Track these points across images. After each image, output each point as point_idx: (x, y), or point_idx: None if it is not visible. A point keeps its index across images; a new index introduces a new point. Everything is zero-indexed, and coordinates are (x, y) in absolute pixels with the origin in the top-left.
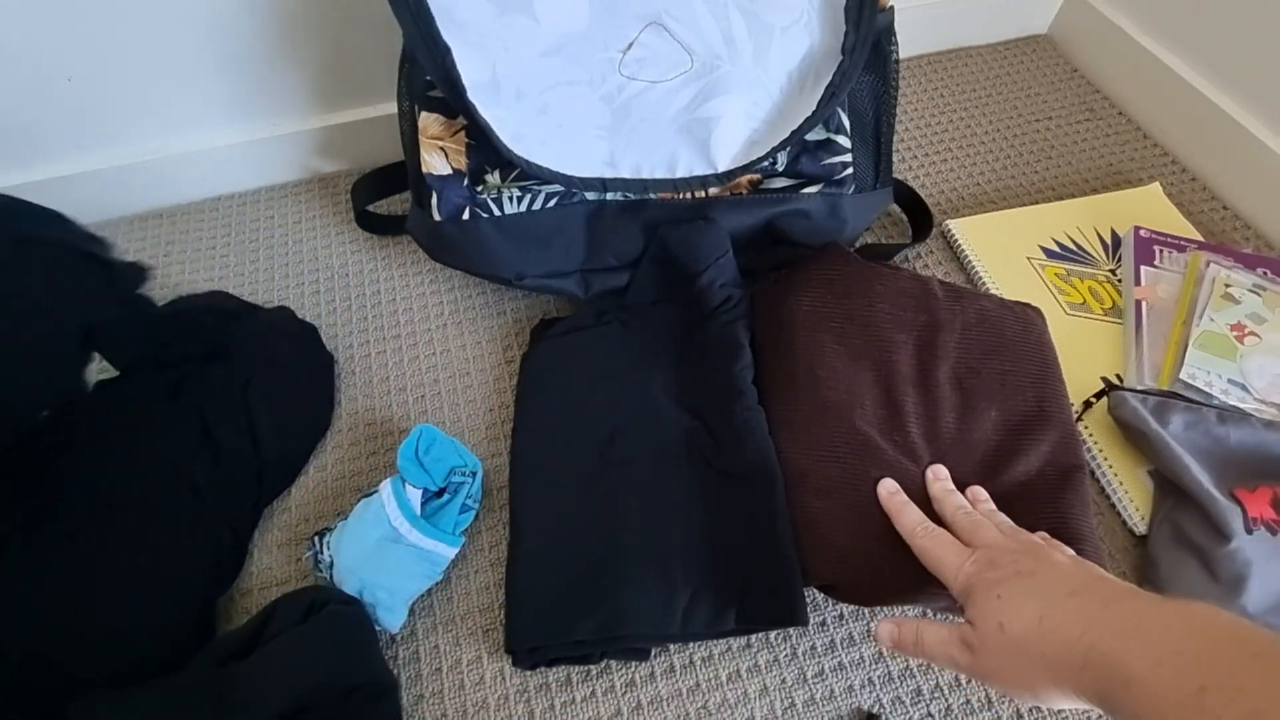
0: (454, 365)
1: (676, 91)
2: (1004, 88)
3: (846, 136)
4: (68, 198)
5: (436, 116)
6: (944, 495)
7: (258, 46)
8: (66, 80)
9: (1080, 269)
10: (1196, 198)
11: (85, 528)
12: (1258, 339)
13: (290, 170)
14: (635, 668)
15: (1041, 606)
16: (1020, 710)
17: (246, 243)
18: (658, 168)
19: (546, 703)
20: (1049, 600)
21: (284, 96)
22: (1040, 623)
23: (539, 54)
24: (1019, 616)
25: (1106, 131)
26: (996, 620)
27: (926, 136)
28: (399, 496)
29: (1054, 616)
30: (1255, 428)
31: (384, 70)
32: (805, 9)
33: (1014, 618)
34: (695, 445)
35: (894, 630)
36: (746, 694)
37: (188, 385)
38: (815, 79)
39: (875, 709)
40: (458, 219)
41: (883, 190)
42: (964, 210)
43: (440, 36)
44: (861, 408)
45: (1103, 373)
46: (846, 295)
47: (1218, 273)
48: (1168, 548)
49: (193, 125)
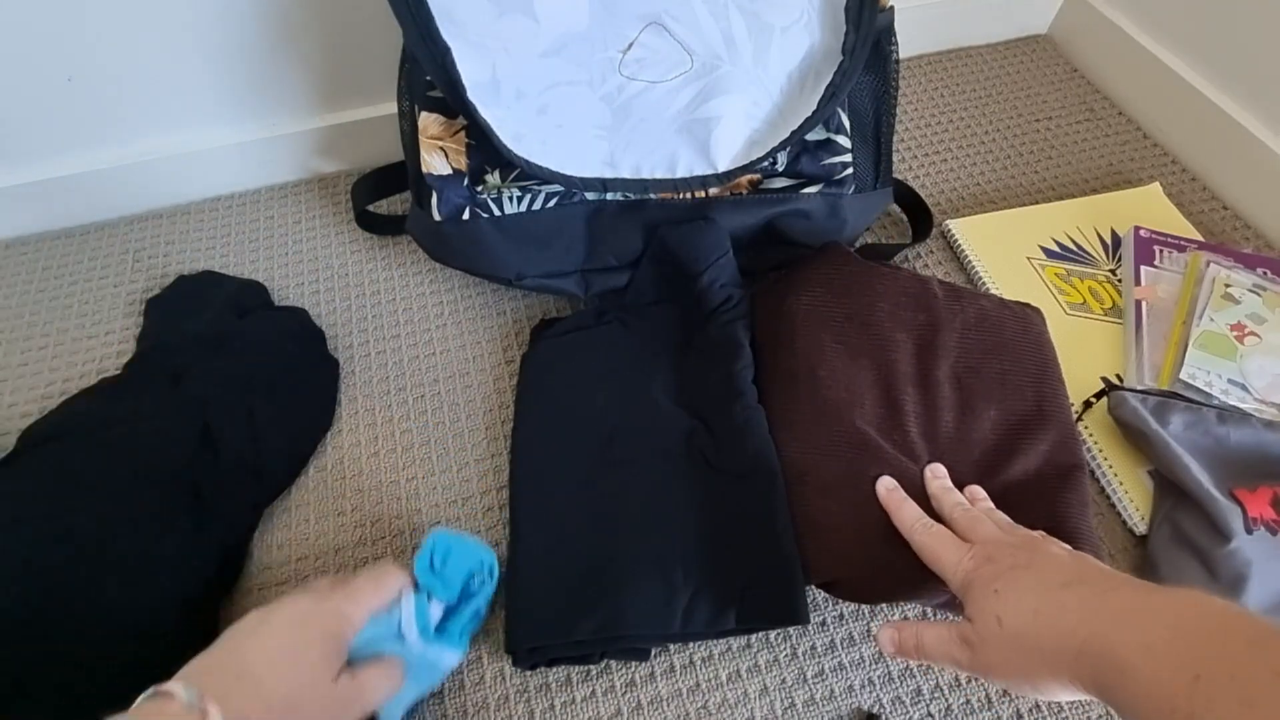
0: (454, 365)
1: (676, 91)
2: (1004, 88)
3: (846, 136)
4: (68, 198)
5: (436, 116)
6: (942, 493)
7: (258, 46)
8: (66, 80)
9: (1080, 269)
10: (1196, 198)
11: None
12: (1258, 339)
13: (290, 170)
14: (635, 668)
15: (1038, 599)
16: (1020, 710)
17: (246, 243)
18: (658, 168)
19: (546, 703)
20: (1045, 593)
21: (284, 96)
22: (1037, 615)
23: (539, 54)
24: (1016, 610)
25: (1106, 131)
26: (994, 615)
27: (926, 136)
28: (420, 613)
29: (1050, 608)
30: (1255, 428)
31: (384, 70)
32: (805, 9)
33: (1011, 612)
34: (695, 445)
35: (894, 635)
36: (746, 694)
37: (192, 374)
38: (815, 79)
39: (875, 709)
40: (458, 219)
41: (883, 190)
42: (964, 210)
43: (440, 36)
44: (861, 407)
45: (1103, 373)
46: (846, 295)
47: (1218, 273)
48: (1168, 548)
49: (193, 125)
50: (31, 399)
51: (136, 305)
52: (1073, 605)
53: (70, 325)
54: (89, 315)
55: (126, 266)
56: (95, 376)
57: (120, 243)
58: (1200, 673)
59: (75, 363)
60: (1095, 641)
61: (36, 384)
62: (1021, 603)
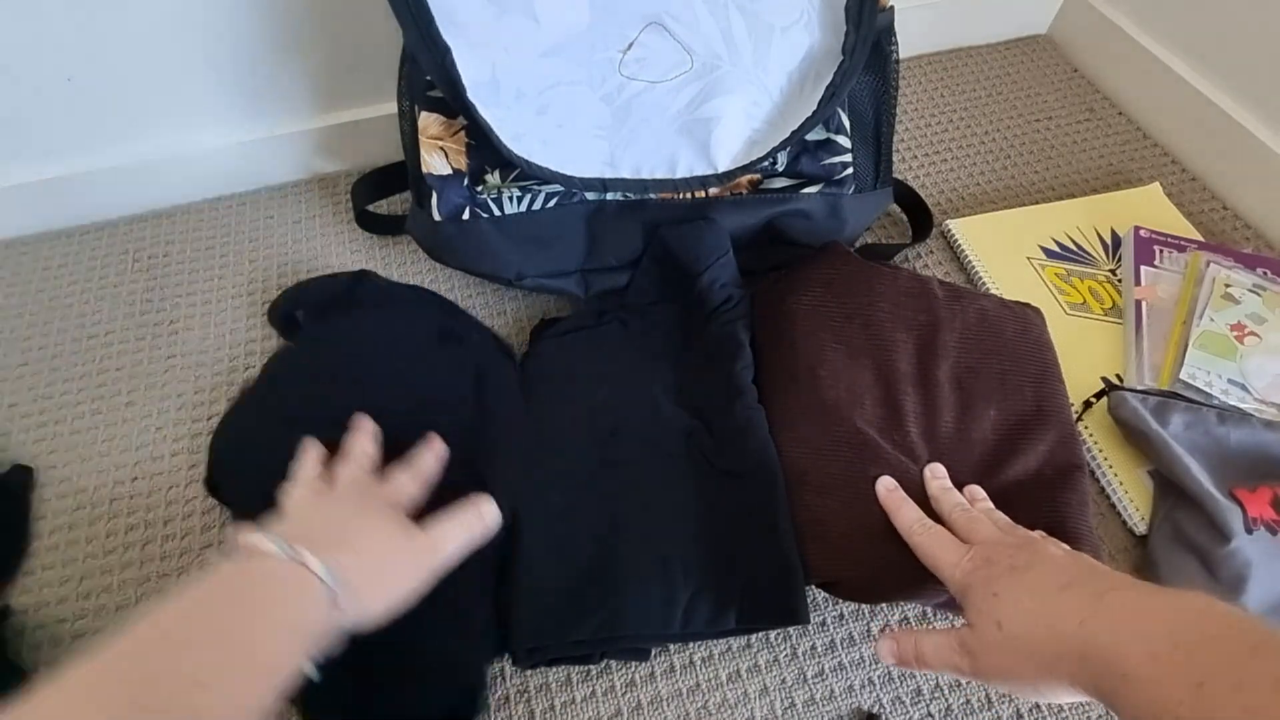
0: None
1: (676, 91)
2: (1004, 88)
3: (846, 136)
4: (68, 198)
5: (436, 116)
6: (941, 493)
7: (258, 47)
8: (66, 80)
9: (1080, 269)
10: (1196, 198)
11: None
12: (1258, 339)
13: (290, 170)
14: (635, 668)
15: (1036, 602)
16: (1020, 710)
17: (246, 243)
18: (658, 168)
19: (546, 703)
20: (1044, 595)
21: (284, 96)
22: (1036, 619)
23: (539, 54)
24: (1015, 614)
25: (1106, 131)
26: (994, 619)
27: (926, 136)
28: None
29: (1049, 612)
30: (1255, 428)
31: (384, 70)
32: (805, 9)
33: (1010, 615)
34: (695, 444)
35: (893, 646)
36: (746, 694)
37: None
38: (815, 79)
39: (875, 709)
40: (458, 219)
41: (883, 190)
42: (964, 210)
43: (440, 36)
44: (861, 407)
45: (1103, 373)
46: (846, 295)
47: (1218, 273)
48: (1168, 548)
49: (193, 125)
50: (31, 399)
51: (137, 305)
52: (1071, 608)
53: (70, 325)
54: (89, 315)
55: (126, 266)
56: (95, 376)
57: (120, 243)
58: (1203, 681)
59: (75, 363)
60: (1095, 646)
61: (36, 384)
62: (1020, 606)
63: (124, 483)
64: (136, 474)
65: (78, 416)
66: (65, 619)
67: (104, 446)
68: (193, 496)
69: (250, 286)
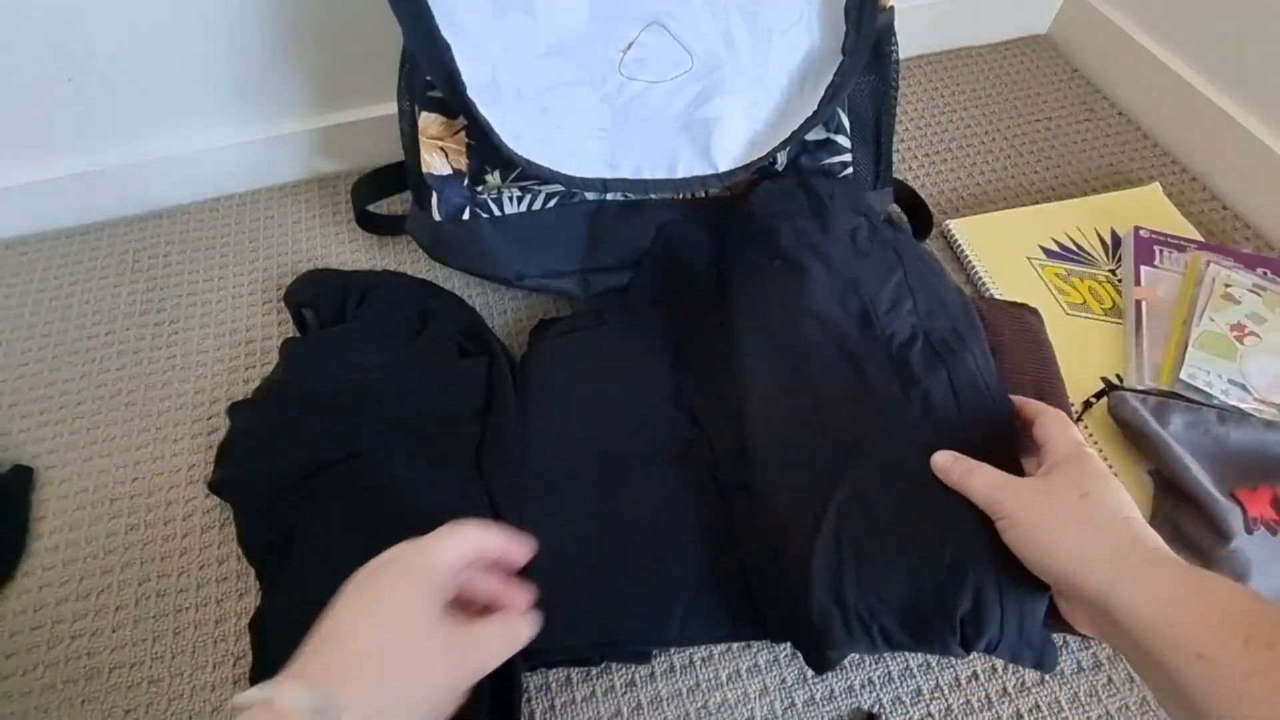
0: None
1: (677, 92)
2: (1004, 88)
3: (846, 136)
4: (68, 198)
5: (436, 116)
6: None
7: (258, 46)
8: (67, 80)
9: (1080, 269)
10: (1196, 198)
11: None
12: (1258, 339)
13: (290, 170)
14: (635, 668)
15: (1130, 510)
16: (1020, 710)
17: (246, 243)
18: (658, 168)
19: (546, 703)
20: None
21: (284, 96)
22: (1128, 522)
23: (539, 55)
24: (1109, 496)
25: (1106, 131)
26: (1083, 489)
27: (926, 136)
28: None
29: (1138, 519)
30: (1255, 428)
31: (384, 70)
32: (805, 9)
33: (1103, 494)
34: (695, 452)
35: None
36: (746, 694)
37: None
38: (815, 79)
39: (875, 709)
40: (458, 219)
41: (883, 190)
42: (964, 210)
43: (440, 36)
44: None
45: (1103, 373)
46: None
47: (1218, 273)
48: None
49: (193, 125)
50: (31, 399)
51: (137, 305)
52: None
53: (70, 325)
54: (89, 315)
55: (126, 266)
56: (96, 376)
57: (120, 243)
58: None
59: (75, 363)
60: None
61: (36, 384)
62: (1120, 496)
63: (124, 483)
64: (136, 474)
65: (78, 416)
66: (65, 619)
67: (104, 446)
68: (193, 497)
69: (250, 287)
